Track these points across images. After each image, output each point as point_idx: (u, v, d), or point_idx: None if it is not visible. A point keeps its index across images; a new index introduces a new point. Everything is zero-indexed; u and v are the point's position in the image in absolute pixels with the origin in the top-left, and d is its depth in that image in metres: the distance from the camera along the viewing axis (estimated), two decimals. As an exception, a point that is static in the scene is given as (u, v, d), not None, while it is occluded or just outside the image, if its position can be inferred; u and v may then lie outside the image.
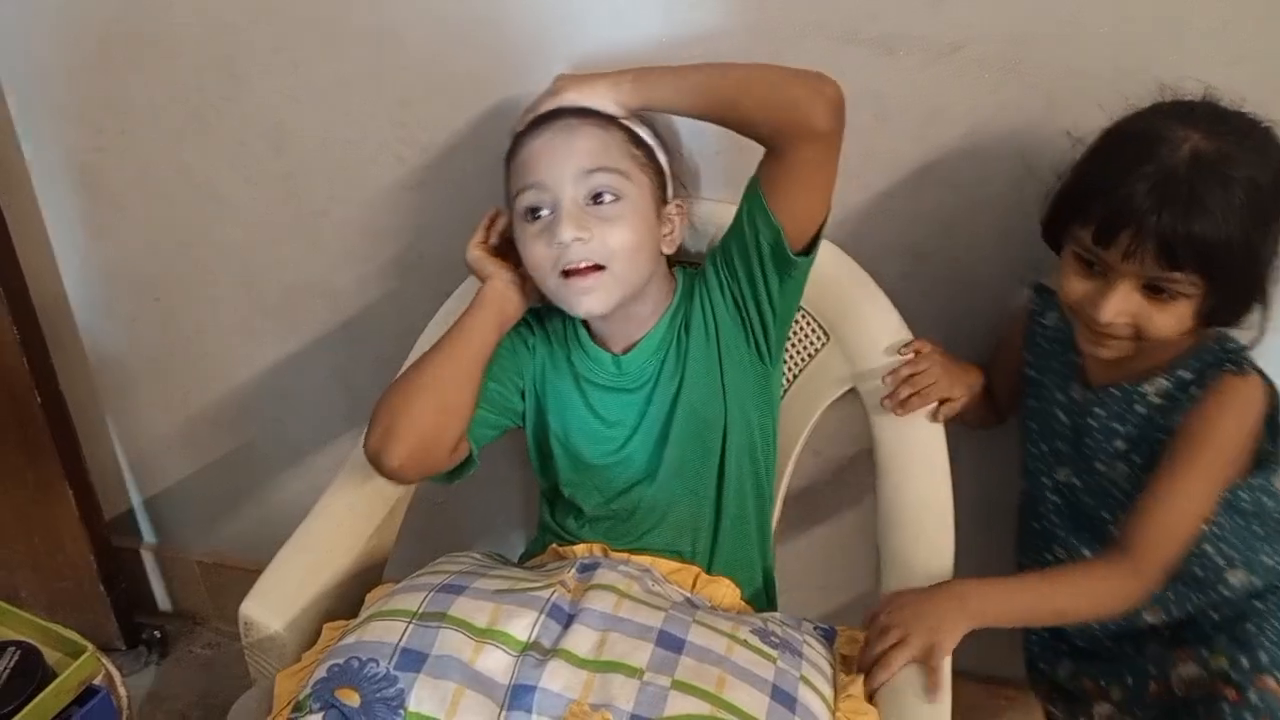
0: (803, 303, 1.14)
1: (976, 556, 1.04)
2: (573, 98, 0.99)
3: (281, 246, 1.38)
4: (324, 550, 1.05)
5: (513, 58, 1.15)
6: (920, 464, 1.07)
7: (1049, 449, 1.11)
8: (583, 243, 0.96)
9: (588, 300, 1.00)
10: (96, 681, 0.99)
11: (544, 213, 0.98)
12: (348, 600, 1.04)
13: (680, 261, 1.14)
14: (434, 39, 1.17)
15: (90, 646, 1.00)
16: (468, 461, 1.04)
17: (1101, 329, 0.94)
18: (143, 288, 1.49)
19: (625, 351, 1.07)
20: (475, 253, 1.06)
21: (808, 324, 1.15)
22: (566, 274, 0.98)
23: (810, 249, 1.01)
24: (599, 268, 0.98)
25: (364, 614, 0.89)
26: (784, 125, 0.94)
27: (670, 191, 1.06)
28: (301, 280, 1.40)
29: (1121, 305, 0.92)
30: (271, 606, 0.98)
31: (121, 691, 1.05)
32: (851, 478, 1.32)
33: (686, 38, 1.09)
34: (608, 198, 0.97)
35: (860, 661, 0.95)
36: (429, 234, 1.30)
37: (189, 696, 1.69)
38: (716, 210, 1.13)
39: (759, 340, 1.05)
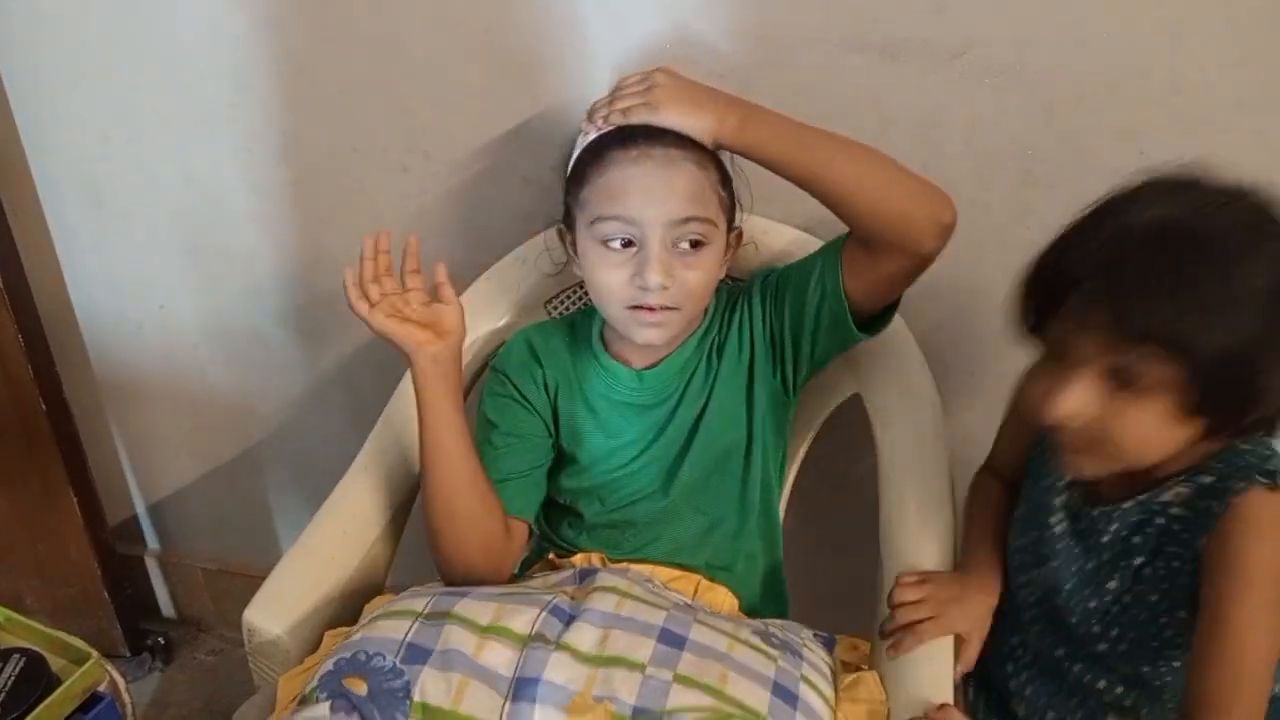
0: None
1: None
2: (673, 119, 0.91)
3: (287, 254, 1.38)
4: (327, 558, 1.05)
5: (519, 68, 1.16)
6: (923, 471, 1.06)
7: (1032, 552, 0.97)
8: (665, 290, 0.94)
9: (651, 334, 0.97)
10: (101, 688, 0.99)
11: (627, 245, 0.94)
12: (350, 608, 1.04)
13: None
14: (440, 48, 1.17)
15: (95, 654, 1.00)
16: (531, 532, 1.06)
17: (1060, 436, 0.80)
18: (148, 295, 1.50)
19: (648, 367, 1.05)
20: (381, 322, 0.96)
21: (811, 330, 1.15)
22: (635, 307, 0.96)
23: (872, 327, 0.98)
24: (674, 308, 0.96)
25: (368, 615, 0.89)
26: (890, 234, 0.89)
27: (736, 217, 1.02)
28: (306, 286, 1.40)
29: (1080, 398, 0.76)
30: (274, 613, 0.98)
31: (125, 698, 1.05)
32: (854, 484, 1.32)
33: (690, 45, 1.09)
34: (696, 242, 0.94)
35: (885, 626, 0.95)
36: (434, 243, 1.30)
37: (193, 703, 1.69)
38: (761, 226, 1.11)
39: (787, 376, 1.04)
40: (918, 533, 1.04)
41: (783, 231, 1.12)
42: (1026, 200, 1.11)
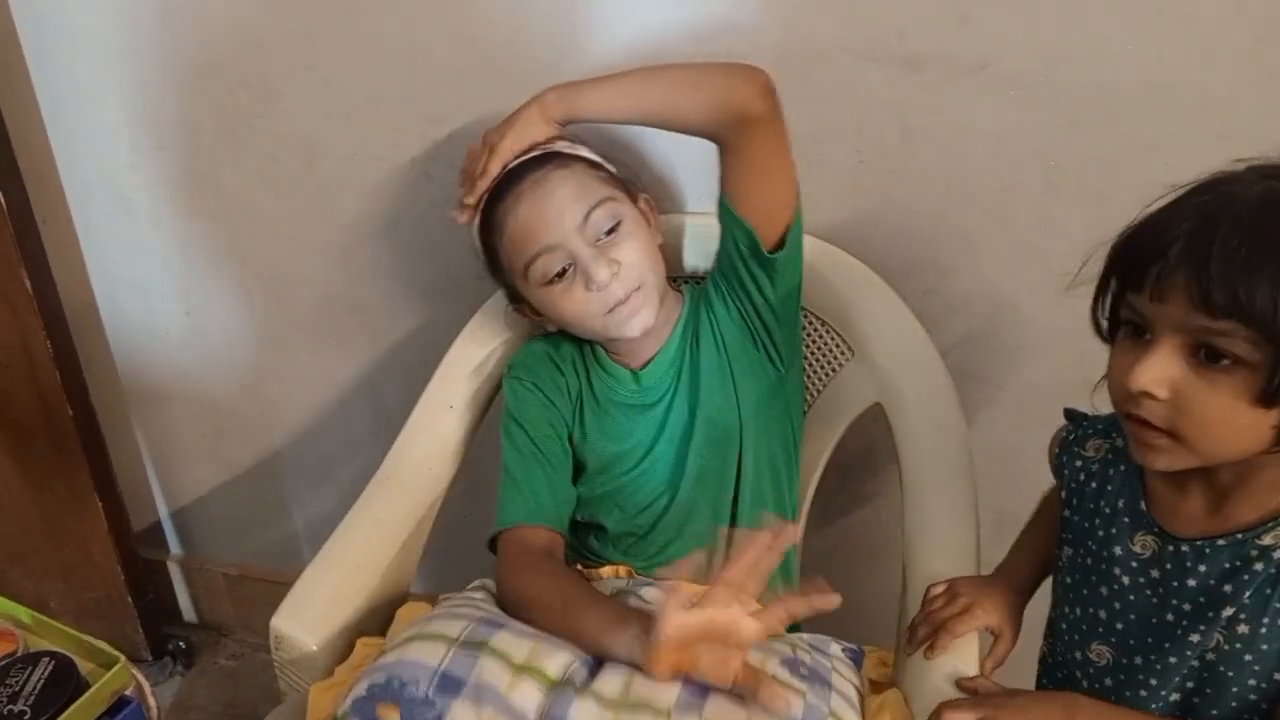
0: (825, 317, 1.14)
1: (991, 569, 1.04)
2: (508, 144, 1.00)
3: (313, 261, 1.39)
4: (353, 566, 1.05)
5: (537, 78, 1.16)
6: (945, 478, 1.07)
7: (1091, 615, 0.88)
8: (617, 276, 0.99)
9: (639, 319, 1.02)
10: (127, 692, 1.00)
11: (564, 271, 1.00)
12: (377, 615, 1.05)
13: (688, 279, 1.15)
14: (462, 58, 1.18)
15: (122, 658, 1.01)
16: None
17: (1136, 414, 0.73)
18: (174, 301, 1.51)
19: (643, 366, 1.08)
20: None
21: (831, 339, 1.15)
22: (610, 310, 1.00)
23: (784, 243, 1.01)
24: (638, 287, 1.01)
25: (402, 634, 0.89)
26: (721, 115, 0.97)
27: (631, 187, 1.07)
28: (332, 294, 1.41)
29: (1158, 369, 0.70)
30: (304, 623, 0.98)
31: (151, 702, 1.06)
32: (876, 494, 1.32)
33: (724, 57, 1.10)
34: (609, 225, 0.99)
35: (918, 628, 0.95)
36: (456, 251, 1.31)
37: (214, 707, 1.70)
38: (704, 224, 1.13)
39: (766, 344, 1.06)
40: (941, 545, 1.04)
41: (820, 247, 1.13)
42: (1050, 212, 1.11)
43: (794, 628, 1.10)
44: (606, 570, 1.05)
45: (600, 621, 0.90)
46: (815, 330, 1.16)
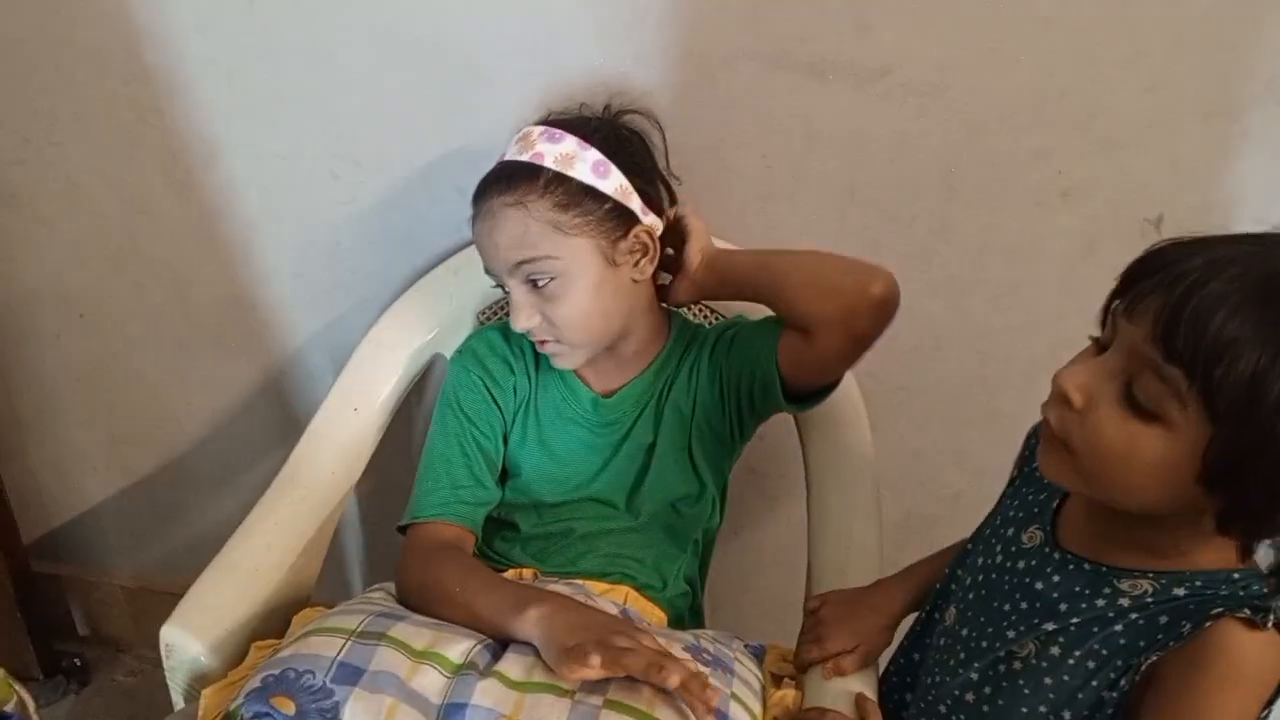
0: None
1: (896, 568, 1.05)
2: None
3: (214, 261, 1.35)
4: (250, 570, 1.02)
5: (451, 80, 1.16)
6: (849, 474, 1.09)
7: (960, 576, 0.91)
8: (536, 326, 0.99)
9: (559, 361, 1.03)
10: (8, 709, 0.96)
11: (505, 288, 1.00)
12: (274, 622, 1.02)
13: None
14: (372, 58, 1.17)
15: (2, 671, 0.96)
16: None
17: (1045, 411, 0.73)
18: (67, 304, 1.46)
19: (607, 395, 1.07)
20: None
21: (740, 342, 1.16)
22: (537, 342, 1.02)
23: (805, 401, 1.02)
24: (558, 341, 1.00)
25: (298, 631, 0.87)
26: (821, 312, 0.94)
27: (639, 212, 1.00)
28: (234, 295, 1.38)
29: (1087, 377, 0.69)
30: (194, 629, 0.95)
31: (35, 719, 1.02)
32: (785, 495, 1.33)
33: (621, 63, 1.10)
34: (541, 281, 0.97)
35: (800, 659, 0.97)
36: (363, 251, 1.29)
37: (111, 726, 1.64)
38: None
39: (733, 425, 1.07)
40: (844, 544, 1.05)
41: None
42: (948, 216, 1.14)
43: (698, 625, 1.12)
44: (510, 574, 1.04)
45: (501, 604, 0.90)
46: (723, 332, 1.17)
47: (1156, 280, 0.66)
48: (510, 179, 0.97)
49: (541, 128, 0.99)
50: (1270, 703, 0.70)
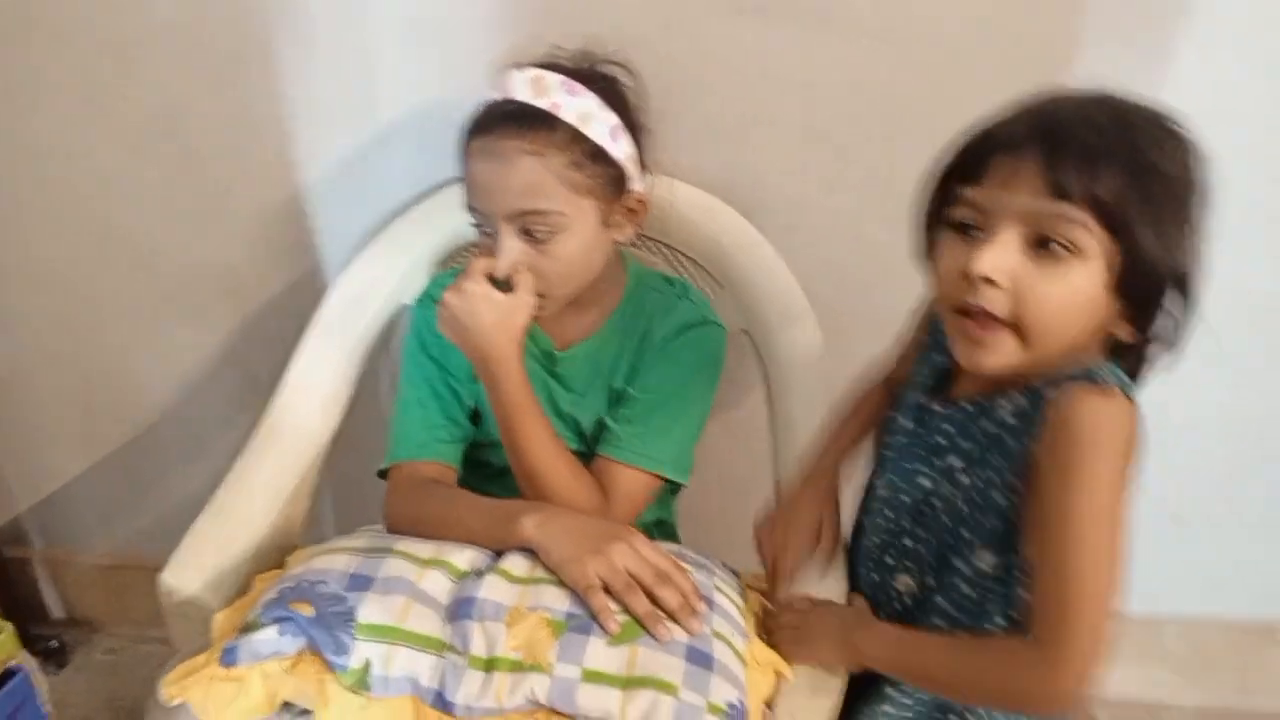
0: (694, 255, 1.20)
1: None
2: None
3: (181, 228, 1.37)
4: (241, 517, 1.05)
5: (405, 32, 1.18)
6: (809, 399, 1.14)
7: (882, 452, 0.99)
8: (519, 276, 0.97)
9: (535, 310, 1.01)
10: (14, 662, 0.97)
11: (488, 229, 0.98)
12: (267, 564, 1.04)
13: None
14: (329, 16, 1.18)
15: (10, 626, 0.97)
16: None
17: (974, 304, 0.76)
18: (34, 278, 1.46)
19: (564, 349, 1.09)
20: None
21: (701, 277, 1.21)
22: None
23: None
24: (540, 295, 0.99)
25: (303, 556, 0.90)
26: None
27: (634, 179, 1.02)
28: (200, 261, 1.39)
29: (1000, 257, 0.74)
30: (192, 567, 0.97)
31: (40, 676, 1.03)
32: (746, 424, 1.38)
33: (576, 12, 1.14)
34: (541, 233, 0.96)
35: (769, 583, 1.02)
36: (324, 211, 1.31)
37: (94, 703, 1.64)
38: (693, 196, 1.18)
39: None
40: (803, 428, 1.11)
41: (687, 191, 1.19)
42: (898, 151, 1.19)
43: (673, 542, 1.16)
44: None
45: (495, 517, 0.94)
46: (685, 268, 1.22)
47: (1012, 147, 0.74)
48: (526, 123, 0.94)
49: (558, 76, 0.97)
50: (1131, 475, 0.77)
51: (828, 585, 0.99)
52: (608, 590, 0.86)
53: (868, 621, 0.92)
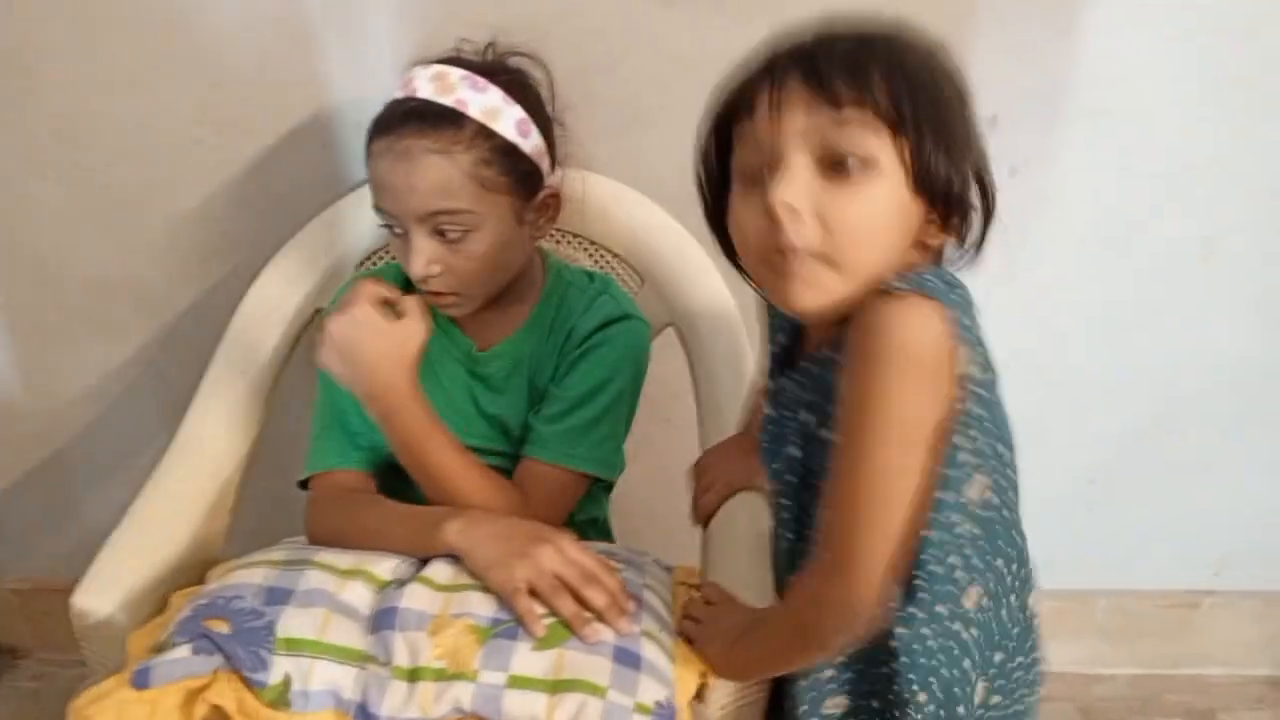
0: (614, 249, 1.19)
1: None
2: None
3: (85, 241, 1.32)
4: (157, 532, 1.01)
5: (306, 34, 1.16)
6: (735, 389, 1.14)
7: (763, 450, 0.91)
8: (434, 275, 0.96)
9: (450, 310, 1.01)
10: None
11: (398, 229, 0.96)
12: (185, 581, 1.01)
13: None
14: (239, 17, 1.16)
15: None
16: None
17: (786, 242, 0.69)
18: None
19: (484, 349, 1.07)
20: None
21: (624, 271, 1.21)
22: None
23: None
24: (455, 293, 0.98)
25: (216, 576, 0.88)
26: None
27: (547, 173, 1.01)
28: (108, 275, 1.35)
29: (796, 187, 0.69)
30: (105, 588, 0.94)
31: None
32: (677, 417, 1.38)
33: (478, 3, 1.12)
34: (453, 233, 0.94)
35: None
36: (233, 219, 1.28)
37: (18, 731, 1.59)
38: (610, 189, 1.18)
39: None
40: (727, 409, 1.12)
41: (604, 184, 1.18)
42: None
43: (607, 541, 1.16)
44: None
45: (419, 524, 0.92)
46: (607, 262, 1.21)
47: (769, 76, 0.71)
48: (432, 122, 0.93)
49: (461, 72, 0.95)
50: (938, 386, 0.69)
51: (755, 571, 0.97)
52: (534, 593, 0.85)
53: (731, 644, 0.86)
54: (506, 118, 0.96)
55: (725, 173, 0.77)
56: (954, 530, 0.75)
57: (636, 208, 1.19)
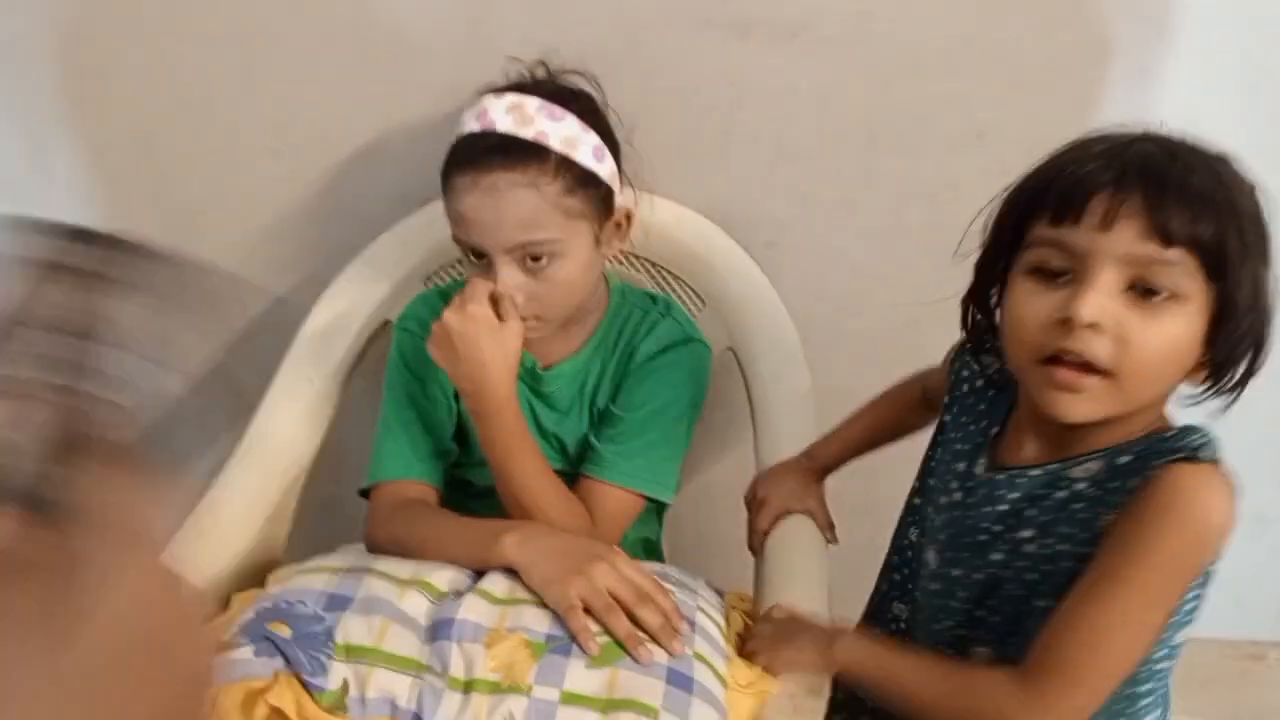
0: (677, 272, 1.20)
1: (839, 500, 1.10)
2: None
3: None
4: (220, 537, 1.04)
5: (378, 53, 1.18)
6: (792, 414, 1.14)
7: (926, 512, 0.94)
8: (522, 302, 0.97)
9: (532, 333, 1.01)
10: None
11: (481, 256, 0.97)
12: (246, 584, 1.03)
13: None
14: (305, 34, 1.19)
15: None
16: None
17: (1073, 351, 0.71)
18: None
19: (547, 367, 1.09)
20: None
21: (685, 293, 1.22)
22: None
23: None
24: (536, 317, 0.99)
25: (278, 579, 0.90)
26: None
27: (618, 193, 1.03)
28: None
29: (1104, 301, 0.70)
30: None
31: None
32: (733, 441, 1.38)
33: (552, 30, 1.13)
34: (539, 261, 0.96)
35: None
36: (306, 228, 1.31)
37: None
38: (674, 211, 1.19)
39: None
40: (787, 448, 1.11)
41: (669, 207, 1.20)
42: (871, 165, 1.20)
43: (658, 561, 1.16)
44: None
45: (477, 537, 0.93)
46: (669, 284, 1.22)
47: (1113, 186, 0.70)
48: (515, 155, 0.93)
49: (537, 101, 0.96)
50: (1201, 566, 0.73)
51: (811, 595, 0.98)
52: (589, 611, 0.86)
53: (847, 629, 0.91)
54: (584, 145, 0.97)
55: (1016, 241, 0.77)
56: (1158, 663, 0.80)
57: (700, 231, 1.20)
